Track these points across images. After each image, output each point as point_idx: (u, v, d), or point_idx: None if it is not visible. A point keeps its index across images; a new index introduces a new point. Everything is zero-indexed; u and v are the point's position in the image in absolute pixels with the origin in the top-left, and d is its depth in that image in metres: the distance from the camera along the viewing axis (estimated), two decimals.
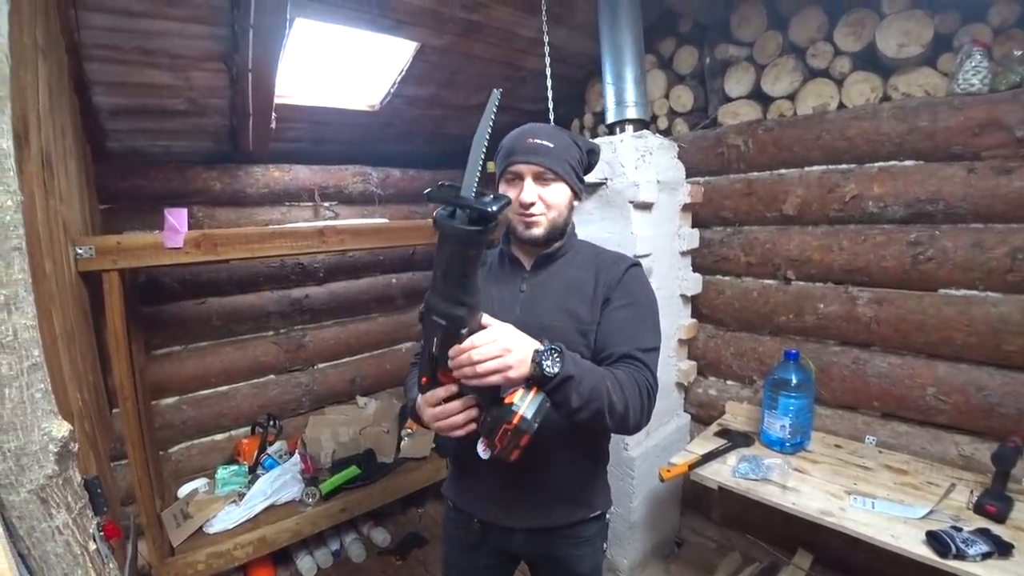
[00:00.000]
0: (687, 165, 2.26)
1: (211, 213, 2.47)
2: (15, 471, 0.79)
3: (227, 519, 2.06)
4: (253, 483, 2.22)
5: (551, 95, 2.06)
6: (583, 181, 1.20)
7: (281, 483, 2.23)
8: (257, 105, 2.05)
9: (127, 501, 2.08)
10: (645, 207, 1.99)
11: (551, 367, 0.90)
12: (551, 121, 2.11)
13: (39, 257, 1.09)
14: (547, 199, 1.12)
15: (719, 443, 1.96)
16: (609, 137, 2.09)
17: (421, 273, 3.21)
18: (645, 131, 2.11)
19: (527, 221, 1.12)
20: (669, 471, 1.81)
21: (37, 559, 0.84)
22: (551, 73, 2.07)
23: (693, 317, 2.41)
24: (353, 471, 2.38)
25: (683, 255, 2.28)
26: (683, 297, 2.32)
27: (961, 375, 1.77)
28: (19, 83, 1.03)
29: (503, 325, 0.92)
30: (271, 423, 2.55)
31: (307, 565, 2.39)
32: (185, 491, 2.23)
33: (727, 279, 2.34)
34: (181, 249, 1.72)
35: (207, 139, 2.34)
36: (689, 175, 2.27)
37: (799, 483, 1.71)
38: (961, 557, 1.32)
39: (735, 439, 1.98)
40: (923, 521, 1.48)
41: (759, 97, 2.19)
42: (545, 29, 1.98)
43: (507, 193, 1.13)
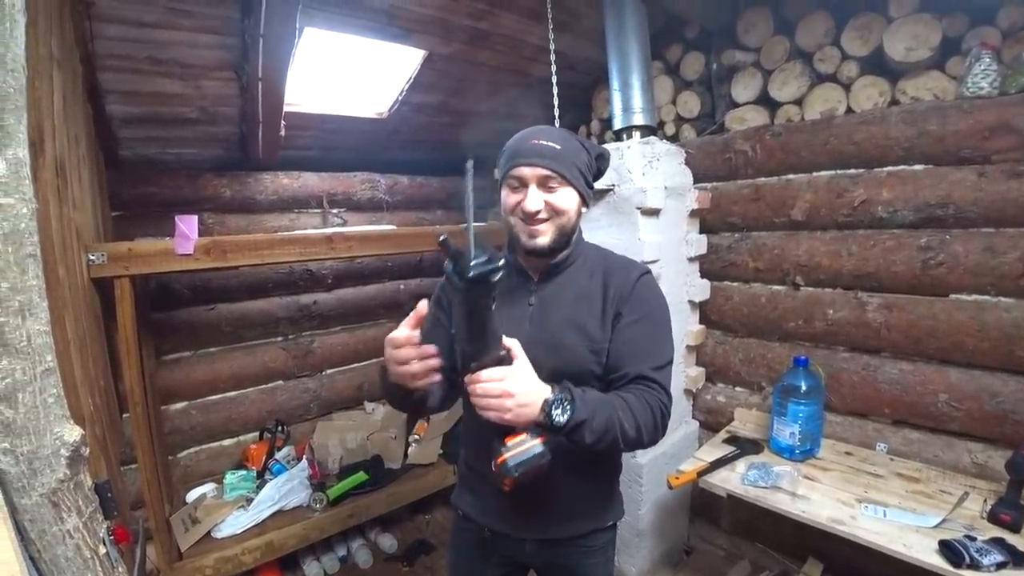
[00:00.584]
0: (694, 171, 2.26)
1: (221, 220, 2.50)
2: (27, 475, 0.80)
3: (235, 524, 2.07)
4: (261, 488, 2.23)
5: (556, 102, 2.06)
6: (592, 187, 1.12)
7: (289, 488, 2.24)
8: (267, 113, 2.08)
9: (136, 505, 2.09)
10: (652, 213, 1.99)
11: (560, 417, 0.91)
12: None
13: (53, 263, 1.10)
14: (554, 204, 1.04)
15: (728, 450, 1.95)
16: (616, 143, 2.09)
17: (429, 279, 3.22)
18: (652, 137, 2.11)
19: (531, 230, 1.05)
20: (678, 478, 1.80)
21: (48, 562, 0.84)
22: (558, 80, 2.07)
23: (701, 323, 2.40)
24: (360, 477, 2.38)
25: (691, 261, 2.27)
26: (691, 303, 2.31)
27: (974, 381, 1.74)
28: (35, 93, 1.05)
29: (517, 367, 0.92)
30: (279, 428, 2.57)
31: (314, 571, 2.39)
32: (194, 496, 2.24)
33: (735, 285, 2.33)
34: (192, 256, 1.74)
35: (217, 147, 2.37)
36: (696, 181, 2.27)
37: (809, 491, 1.70)
38: (975, 567, 1.29)
39: (744, 446, 1.96)
40: (936, 530, 1.46)
41: (766, 102, 2.19)
42: (551, 37, 1.99)
43: (509, 199, 1.07)
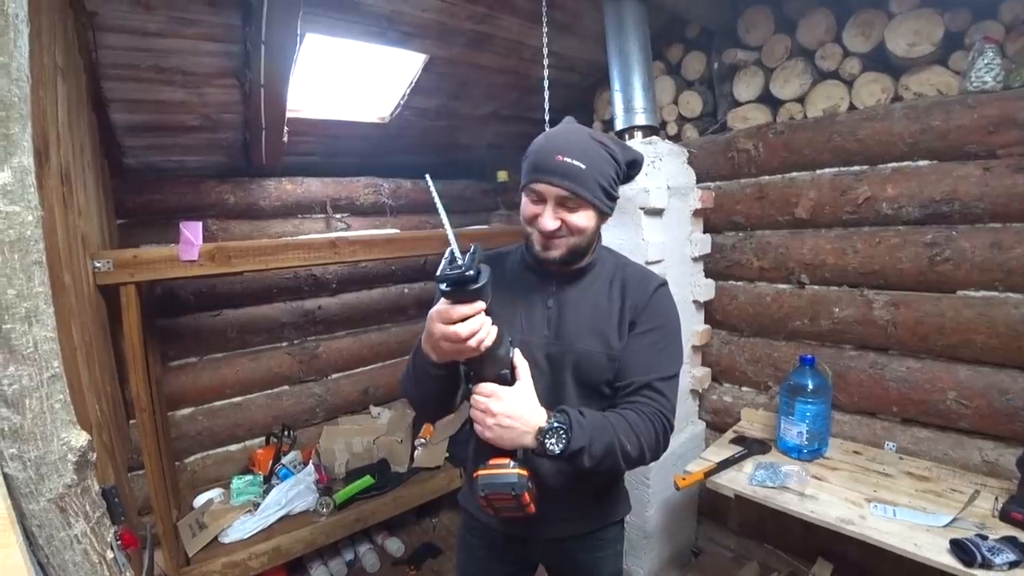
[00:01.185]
0: (697, 170, 2.25)
1: (225, 226, 2.51)
2: (35, 480, 0.80)
3: (242, 529, 2.07)
4: (268, 493, 2.23)
5: (547, 105, 2.05)
6: (615, 197, 1.08)
7: (295, 493, 2.24)
8: (269, 119, 2.09)
9: (144, 511, 2.09)
10: (656, 213, 1.99)
11: (554, 447, 0.93)
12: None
13: (59, 270, 1.11)
14: (571, 224, 1.02)
15: (735, 450, 1.94)
16: None
17: (433, 283, 3.22)
18: (654, 137, 2.11)
19: (546, 244, 1.05)
20: (684, 479, 1.79)
21: (56, 568, 0.84)
22: (558, 82, 2.07)
23: (706, 323, 2.39)
24: (367, 481, 2.38)
25: (695, 261, 2.27)
26: (696, 303, 2.30)
27: (983, 378, 1.73)
28: (39, 102, 1.06)
29: (512, 389, 0.95)
30: (285, 433, 2.57)
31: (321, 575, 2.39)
32: (200, 501, 2.24)
33: (740, 284, 2.32)
34: (196, 262, 1.75)
35: (221, 154, 2.38)
36: (699, 180, 2.27)
37: (817, 490, 1.68)
38: (987, 566, 1.28)
39: (751, 446, 1.95)
40: (947, 529, 1.44)
41: (768, 101, 2.19)
42: (545, 41, 1.99)
43: (528, 209, 1.05)
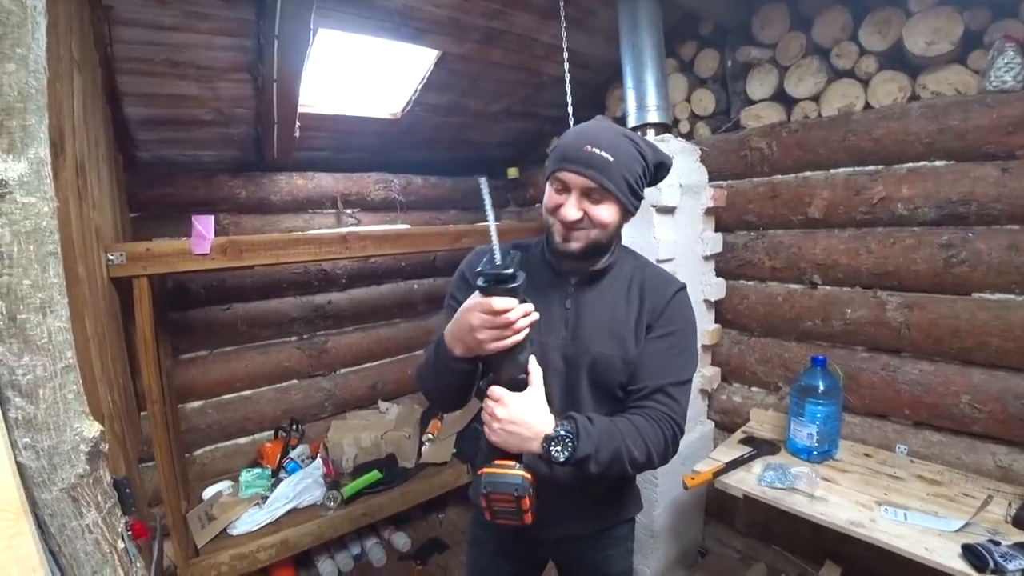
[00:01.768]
0: (710, 169, 2.23)
1: (237, 220, 2.52)
2: (47, 470, 0.81)
3: (250, 521, 2.08)
4: (276, 486, 2.24)
5: (570, 100, 2.05)
6: (641, 197, 1.06)
7: (303, 487, 2.25)
8: (281, 114, 2.09)
9: (154, 502, 2.12)
10: (667, 211, 1.98)
11: (559, 455, 0.94)
12: (571, 125, 2.11)
13: (73, 262, 1.12)
14: (594, 216, 1.01)
15: (744, 451, 1.93)
16: None
17: (443, 279, 3.22)
18: (667, 135, 2.09)
19: (566, 234, 1.03)
20: (693, 479, 1.78)
21: (67, 556, 0.85)
22: (571, 79, 2.06)
23: (717, 322, 2.37)
24: (374, 475, 2.39)
25: (706, 260, 2.25)
26: (706, 302, 2.29)
27: (998, 382, 1.70)
28: (55, 94, 1.06)
29: (520, 396, 0.96)
30: (294, 427, 2.58)
31: (328, 569, 2.40)
32: (210, 493, 2.26)
33: (751, 284, 2.30)
34: (208, 255, 1.75)
35: (233, 148, 2.39)
36: (712, 179, 2.25)
37: (827, 492, 1.67)
38: (1000, 573, 1.26)
39: (760, 447, 1.94)
40: (958, 534, 1.42)
41: (782, 99, 2.16)
42: (564, 35, 1.98)
43: (551, 199, 1.04)
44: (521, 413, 0.95)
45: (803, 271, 2.11)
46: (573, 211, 1.00)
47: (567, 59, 2.01)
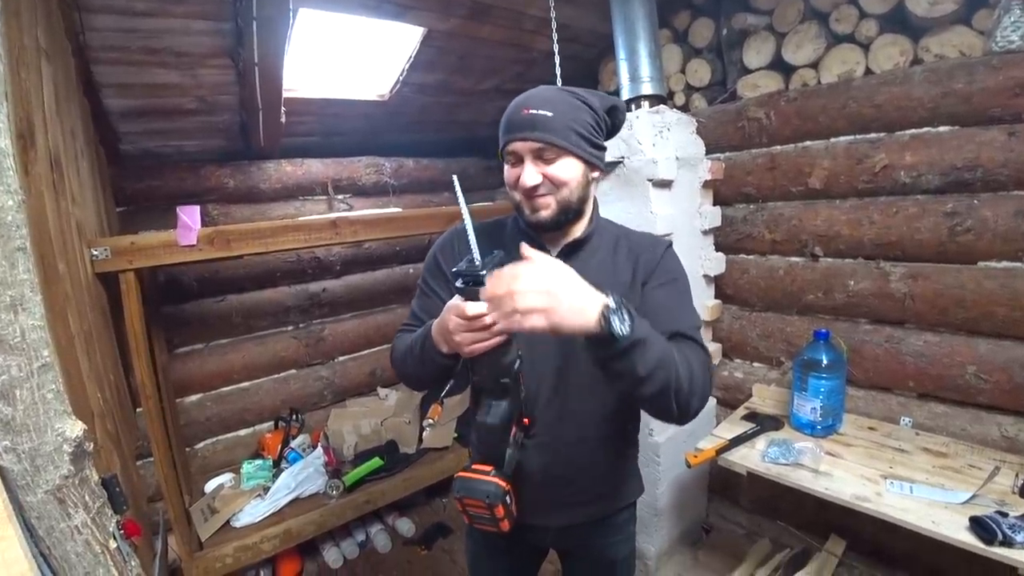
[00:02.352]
0: (706, 141, 2.18)
1: (226, 211, 2.48)
2: (31, 472, 0.79)
3: (253, 513, 2.08)
4: (277, 477, 2.24)
5: (559, 72, 1.99)
6: (602, 147, 1.02)
7: (305, 476, 2.25)
8: (266, 100, 2.04)
9: (156, 497, 2.12)
10: (664, 185, 1.93)
11: (620, 327, 0.76)
12: None
13: (51, 258, 1.09)
14: (552, 176, 0.96)
15: (747, 427, 1.91)
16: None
17: None
18: (662, 107, 2.04)
19: (533, 204, 0.99)
20: (696, 456, 1.77)
21: (58, 558, 0.84)
22: (562, 54, 2.00)
23: (717, 298, 2.34)
24: (376, 463, 2.38)
25: (705, 234, 2.21)
26: (706, 277, 2.26)
27: (1004, 352, 1.68)
28: (21, 84, 1.02)
29: (556, 262, 0.82)
30: (293, 417, 2.58)
31: (333, 556, 2.41)
32: (212, 486, 2.25)
33: (751, 258, 2.26)
34: (195, 246, 1.72)
35: (218, 137, 2.34)
36: (709, 151, 2.20)
37: (832, 467, 1.66)
38: (1008, 544, 1.25)
39: (764, 423, 1.92)
40: (965, 506, 1.41)
41: (780, 67, 2.10)
42: (552, 6, 1.92)
43: (510, 175, 1.01)
44: (555, 277, 0.77)
45: (804, 243, 2.07)
46: (531, 176, 0.96)
47: (555, 32, 1.95)
